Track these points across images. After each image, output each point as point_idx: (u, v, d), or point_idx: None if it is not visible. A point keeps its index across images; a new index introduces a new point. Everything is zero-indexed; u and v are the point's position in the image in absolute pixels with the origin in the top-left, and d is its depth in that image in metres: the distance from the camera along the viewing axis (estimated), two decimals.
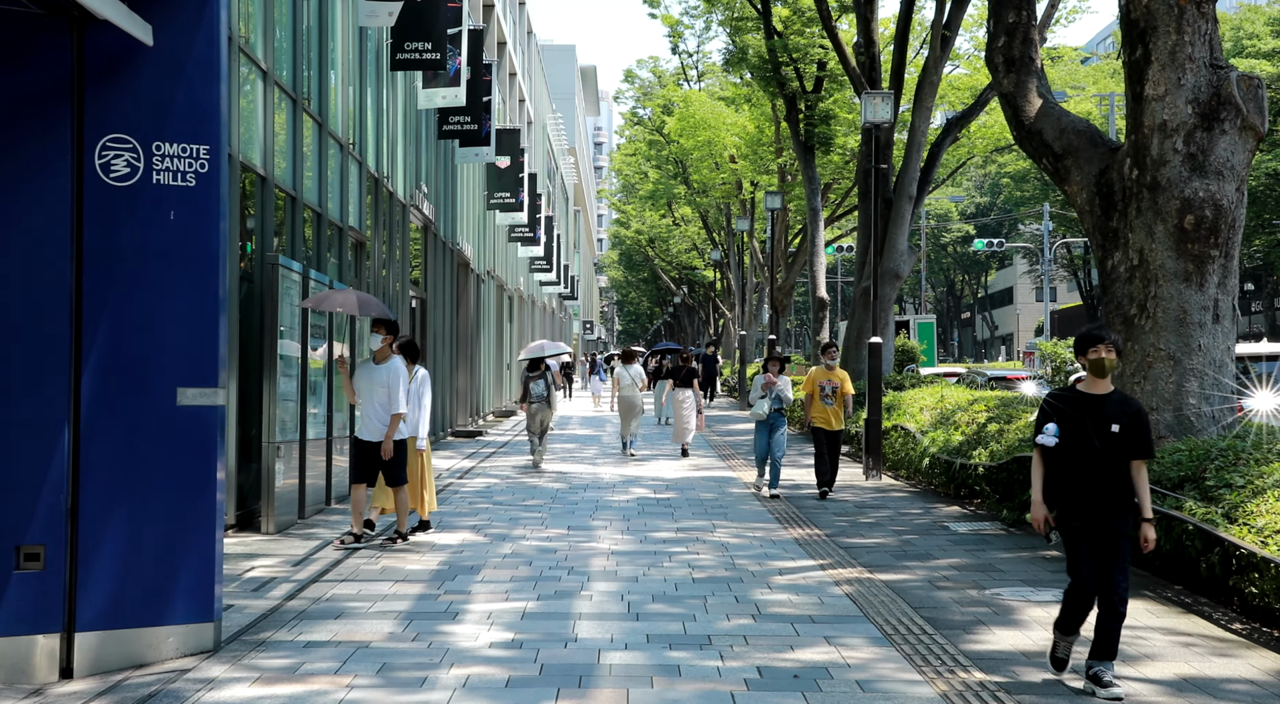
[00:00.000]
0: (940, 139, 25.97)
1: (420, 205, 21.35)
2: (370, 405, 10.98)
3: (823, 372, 15.32)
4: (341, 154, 16.04)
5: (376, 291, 18.16)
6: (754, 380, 15.46)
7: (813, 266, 31.42)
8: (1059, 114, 11.78)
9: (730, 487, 16.45)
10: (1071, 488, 6.54)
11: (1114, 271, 11.09)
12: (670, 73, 55.69)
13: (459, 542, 11.45)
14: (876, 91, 17.27)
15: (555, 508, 14.09)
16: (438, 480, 17.04)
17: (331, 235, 15.69)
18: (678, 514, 13.58)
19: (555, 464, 19.70)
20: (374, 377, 11.00)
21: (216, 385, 7.11)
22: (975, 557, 10.61)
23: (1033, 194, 69.17)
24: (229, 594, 8.76)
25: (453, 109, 22.61)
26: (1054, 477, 6.64)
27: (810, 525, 12.76)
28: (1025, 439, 12.78)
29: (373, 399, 10.96)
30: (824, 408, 15.07)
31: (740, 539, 11.76)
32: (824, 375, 15.24)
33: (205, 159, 7.07)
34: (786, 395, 15.13)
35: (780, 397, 15.08)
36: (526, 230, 37.56)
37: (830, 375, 15.22)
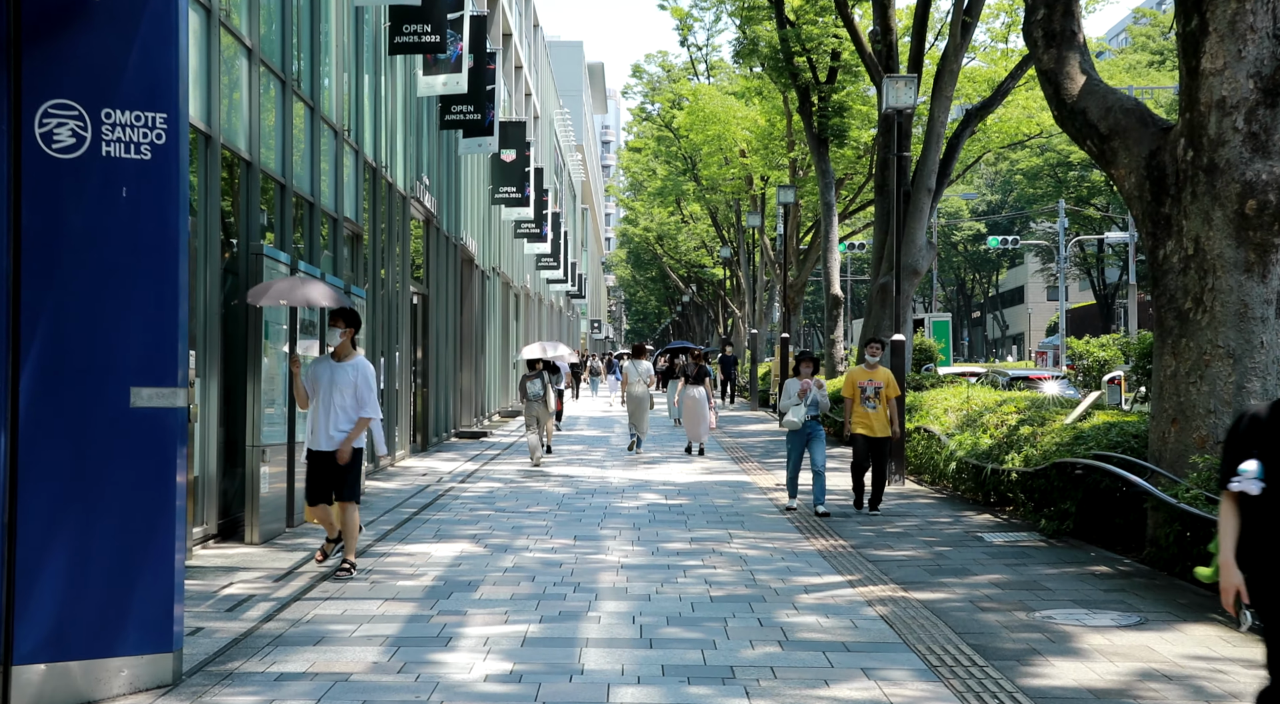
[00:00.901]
0: (959, 130, 25.08)
1: (421, 198, 20.54)
2: (328, 410, 9.56)
3: (863, 371, 13.69)
4: (336, 141, 15.22)
5: (374, 286, 17.34)
6: (785, 386, 13.42)
7: (826, 263, 30.53)
8: (1104, 91, 10.92)
9: (745, 492, 15.61)
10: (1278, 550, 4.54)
11: (1166, 262, 10.22)
12: (679, 68, 54.83)
13: (457, 553, 10.61)
14: (899, 75, 16.40)
15: (561, 515, 13.25)
16: (438, 484, 16.22)
17: (325, 227, 14.87)
18: (691, 522, 12.74)
19: (561, 467, 18.88)
20: (337, 377, 9.56)
21: (176, 385, 6.28)
22: (1017, 572, 9.75)
23: (1046, 191, 68.26)
24: (200, 615, 7.93)
25: (455, 98, 21.78)
26: (1252, 533, 4.60)
27: (833, 535, 11.92)
28: (1063, 444, 11.93)
29: (332, 402, 9.54)
30: (866, 412, 13.41)
31: (759, 551, 10.91)
32: (865, 375, 13.57)
33: (162, 129, 6.24)
34: (824, 400, 13.40)
35: (817, 402, 13.32)
36: (533, 226, 36.74)
37: (872, 375, 13.55)
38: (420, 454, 20.83)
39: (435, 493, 15.25)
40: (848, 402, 13.65)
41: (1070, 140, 58.17)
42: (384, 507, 13.80)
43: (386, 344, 18.36)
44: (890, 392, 13.54)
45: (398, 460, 19.02)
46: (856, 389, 13.56)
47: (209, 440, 10.52)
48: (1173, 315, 10.15)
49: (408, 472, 17.90)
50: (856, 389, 13.56)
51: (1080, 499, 11.20)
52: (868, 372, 13.64)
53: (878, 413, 13.41)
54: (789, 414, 13.32)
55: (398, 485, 16.04)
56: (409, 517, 12.98)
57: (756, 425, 29.54)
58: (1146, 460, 10.43)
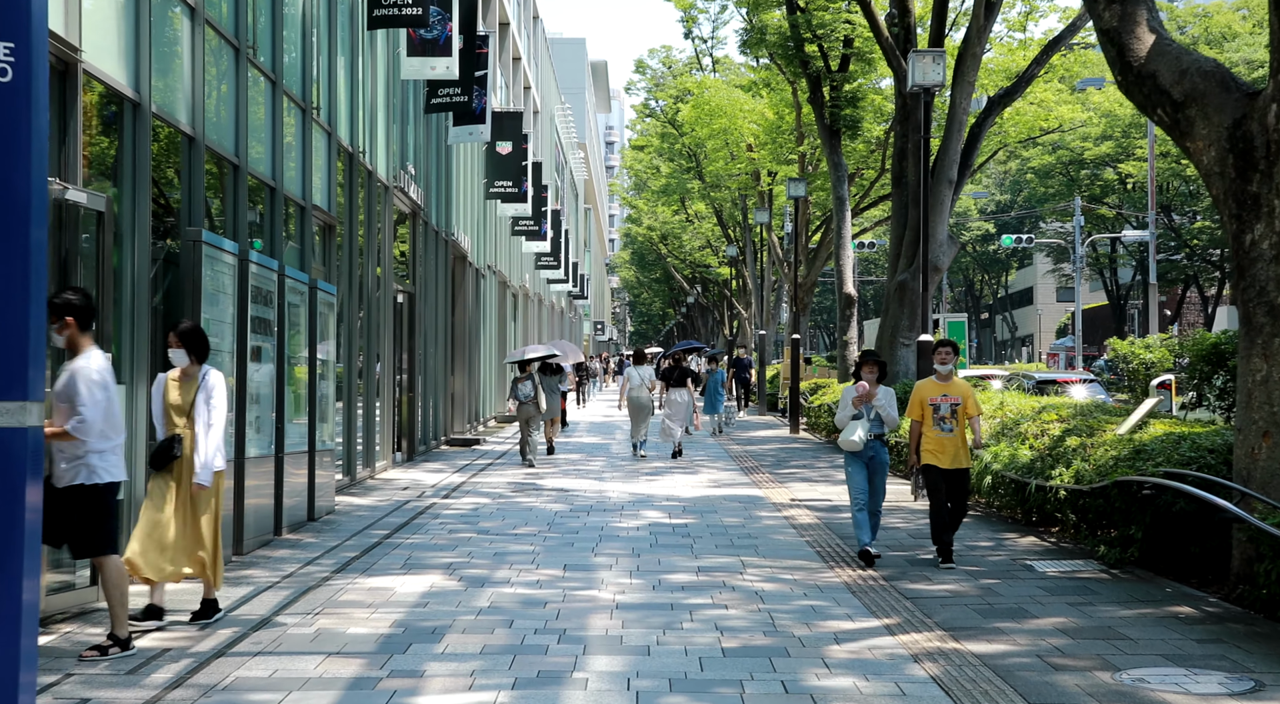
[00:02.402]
0: (981, 119, 23.60)
1: (406, 188, 19.05)
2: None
3: (934, 384, 10.58)
4: (304, 120, 13.74)
5: (350, 283, 15.85)
6: (844, 394, 10.53)
7: (839, 260, 29.02)
8: (1177, 52, 9.42)
9: (757, 509, 14.11)
10: None
11: (1254, 248, 8.72)
12: (683, 63, 53.35)
13: (425, 589, 9.11)
14: (926, 49, 14.90)
15: (551, 538, 11.75)
16: (419, 499, 14.74)
17: (292, 215, 13.40)
18: (698, 547, 11.24)
19: (557, 478, 17.39)
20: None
21: (26, 397, 4.79)
22: (1085, 614, 8.24)
23: (1057, 190, 66.69)
24: (92, 679, 6.44)
25: (442, 81, 20.29)
26: None
27: (859, 563, 10.42)
28: (1122, 458, 10.43)
29: None
30: (939, 437, 10.35)
31: (777, 585, 9.41)
32: (937, 389, 10.50)
33: (7, 62, 4.76)
34: (890, 413, 10.42)
35: (882, 416, 10.44)
36: (531, 224, 35.24)
37: (945, 388, 10.47)
38: (405, 464, 19.34)
39: (414, 510, 13.75)
40: (914, 426, 10.62)
41: (1081, 138, 56.03)
42: (352, 527, 12.31)
43: (366, 345, 16.88)
44: (969, 409, 10.49)
45: (379, 472, 17.54)
46: (927, 407, 10.48)
47: (136, 458, 9.04)
48: (1263, 310, 8.65)
49: (388, 484, 16.41)
50: (927, 407, 10.48)
51: (1148, 523, 9.69)
52: (940, 385, 10.57)
53: (954, 438, 10.37)
54: (846, 431, 10.39)
55: (373, 501, 14.56)
56: (379, 540, 11.48)
57: (766, 431, 28.03)
58: (1230, 480, 8.94)
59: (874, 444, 10.45)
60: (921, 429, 10.49)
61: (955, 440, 10.38)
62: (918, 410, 10.55)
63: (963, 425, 10.45)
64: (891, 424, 10.50)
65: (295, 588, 9.04)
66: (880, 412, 10.41)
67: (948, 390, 10.50)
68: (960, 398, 10.47)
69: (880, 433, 10.49)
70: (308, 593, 8.88)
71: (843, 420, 10.46)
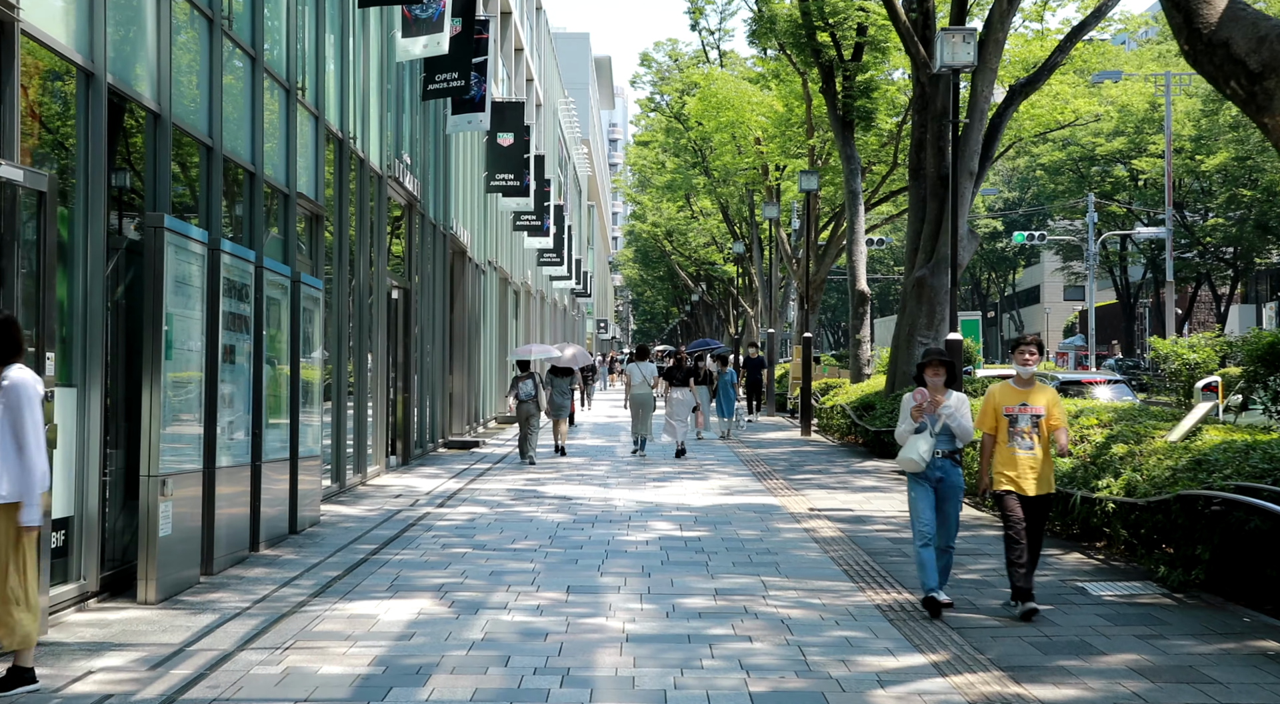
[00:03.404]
0: (1002, 108, 22.58)
1: (401, 178, 18.08)
2: None
3: (1011, 390, 8.57)
4: (287, 100, 12.77)
5: (341, 276, 14.89)
6: (903, 403, 8.68)
7: (851, 256, 28.05)
8: (1254, 18, 8.44)
9: (773, 519, 13.14)
10: None
11: None
12: (689, 56, 52.35)
13: (412, 616, 8.14)
14: (956, 28, 13.91)
15: (553, 554, 10.78)
16: (411, 508, 13.77)
17: (274, 203, 12.43)
18: (714, 564, 10.27)
19: (559, 484, 16.42)
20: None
21: None
22: (1159, 650, 7.26)
23: (1067, 187, 65.67)
24: None
25: (439, 65, 19.32)
26: None
27: (893, 583, 9.46)
28: (1180, 469, 9.47)
29: None
30: (1018, 455, 8.37)
31: (805, 610, 8.44)
32: (1015, 395, 8.52)
33: None
34: (962, 424, 8.49)
35: (951, 428, 8.51)
36: (533, 219, 34.27)
37: (1025, 395, 8.50)
38: (399, 469, 18.37)
39: (405, 521, 12.79)
40: (986, 441, 8.64)
41: (1093, 134, 55.17)
42: (338, 541, 11.34)
43: (358, 344, 15.92)
44: (1055, 420, 8.47)
45: (370, 478, 16.57)
46: (1002, 419, 8.51)
47: (88, 469, 8.07)
48: None
49: (380, 492, 15.44)
50: (1002, 419, 8.51)
51: (1216, 543, 8.72)
52: (1018, 391, 8.55)
53: (1035, 456, 8.38)
54: (906, 446, 8.51)
55: (363, 511, 13.59)
56: (365, 557, 10.51)
57: (777, 434, 27.05)
58: None
59: (942, 464, 8.50)
60: (994, 445, 8.56)
61: (1037, 459, 8.37)
62: (990, 421, 8.57)
63: (1045, 440, 8.42)
64: (964, 437, 8.51)
65: (266, 616, 8.07)
66: (949, 423, 8.49)
67: (1028, 397, 8.47)
68: (1043, 408, 8.43)
69: (952, 449, 8.54)
70: (280, 621, 7.92)
71: (902, 435, 8.61)
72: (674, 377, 21.61)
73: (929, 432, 8.50)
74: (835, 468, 18.99)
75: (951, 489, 8.56)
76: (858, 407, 22.78)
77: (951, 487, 8.56)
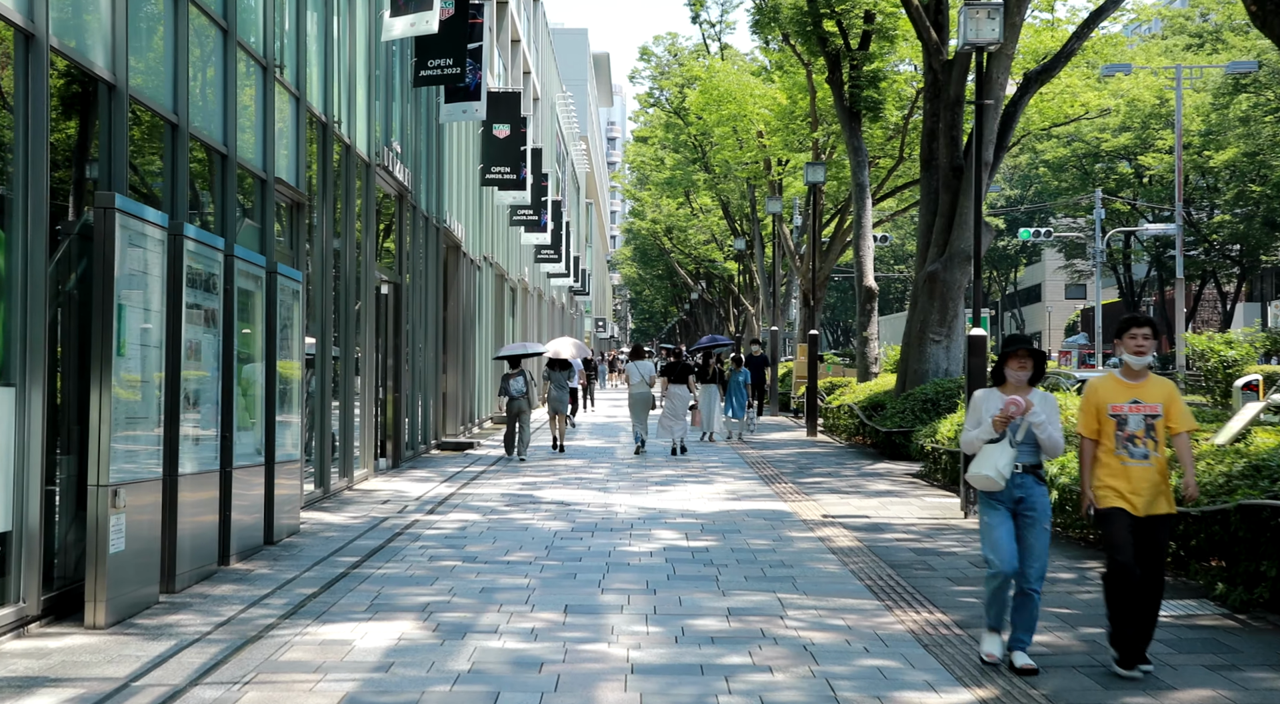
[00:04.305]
0: (1017, 97, 21.70)
1: (391, 167, 17.21)
2: None
3: (1119, 384, 6.84)
4: (265, 79, 11.90)
5: (325, 269, 14.02)
6: (972, 403, 7.08)
7: (858, 250, 27.18)
8: None
9: (785, 526, 12.29)
10: None
11: None
12: (689, 50, 51.50)
13: (390, 642, 7.28)
14: (981, 3, 13.04)
15: (549, 567, 9.93)
16: (399, 515, 12.92)
17: (249, 188, 11.57)
18: (724, 579, 9.41)
19: (556, 489, 15.57)
20: None
21: None
22: (1235, 684, 6.41)
23: (1070, 184, 64.84)
24: None
25: (432, 50, 18.47)
26: None
27: (921, 601, 8.61)
28: (1234, 475, 8.63)
29: None
30: (1127, 465, 6.69)
31: (828, 634, 7.59)
32: (1123, 390, 6.80)
33: None
34: (1053, 434, 6.82)
35: (1039, 439, 6.85)
36: (530, 213, 33.42)
37: (1137, 390, 6.79)
38: (388, 472, 17.50)
39: (392, 529, 11.93)
40: (1086, 447, 6.88)
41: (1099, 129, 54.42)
42: (316, 553, 10.47)
43: (344, 340, 15.07)
44: (1175, 422, 6.78)
45: (357, 482, 15.71)
46: (1106, 419, 6.80)
47: (29, 477, 7.21)
48: None
49: (367, 497, 14.58)
50: (1106, 419, 6.80)
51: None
52: (1127, 385, 6.83)
53: (1150, 468, 6.69)
54: (979, 459, 6.87)
55: (347, 518, 12.73)
56: (345, 571, 9.66)
57: (782, 434, 26.19)
58: None
59: (1023, 480, 6.83)
60: (1097, 452, 6.84)
61: (1152, 471, 6.68)
62: (1092, 423, 6.84)
63: (1163, 447, 6.76)
64: (1054, 451, 6.85)
65: (228, 642, 7.21)
66: (1037, 434, 6.80)
67: (1140, 393, 6.77)
68: (1160, 406, 6.74)
69: (1035, 463, 6.88)
70: (243, 649, 7.05)
71: (973, 443, 6.95)
72: (672, 373, 21.49)
73: (1009, 441, 6.82)
74: (845, 470, 18.14)
75: (1036, 512, 6.81)
76: (867, 406, 21.94)
77: (1036, 510, 6.81)
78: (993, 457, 6.81)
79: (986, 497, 6.95)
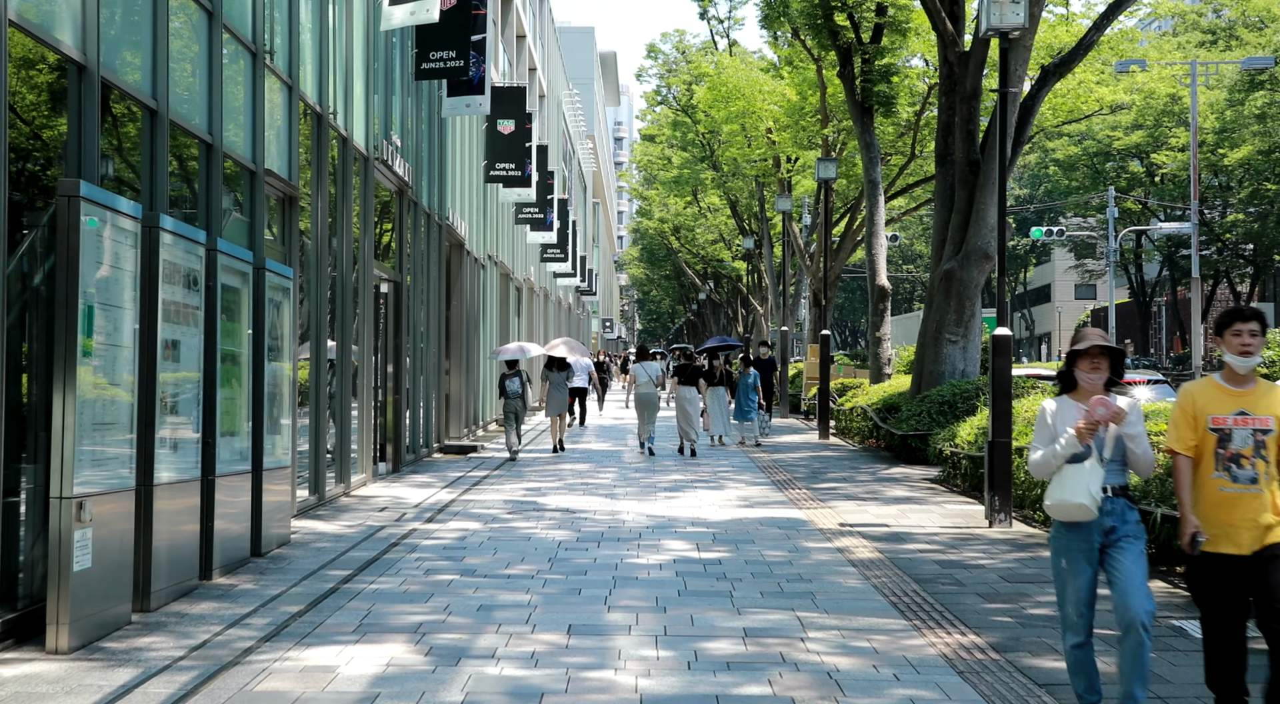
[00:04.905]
0: (1035, 90, 21.09)
1: (390, 161, 16.63)
2: None
3: (1220, 391, 5.65)
4: (254, 65, 11.32)
5: (321, 266, 13.44)
6: (1040, 412, 5.87)
7: (871, 249, 26.58)
8: None
9: (801, 536, 11.68)
10: None
11: None
12: (697, 47, 50.88)
13: (378, 669, 6.68)
14: None
15: (553, 581, 9.33)
16: (397, 524, 12.33)
17: (237, 180, 10.99)
18: (739, 595, 8.81)
19: (561, 495, 14.98)
20: None
21: None
22: None
23: (1081, 183, 64.20)
24: None
25: (434, 42, 17.89)
26: None
27: (952, 620, 8.01)
28: None
29: None
30: (1230, 492, 5.52)
31: (854, 659, 6.98)
32: (1227, 399, 5.61)
33: None
34: (1145, 455, 5.62)
35: (1130, 454, 5.65)
36: (536, 211, 32.84)
37: (1245, 399, 5.58)
38: (388, 478, 16.92)
39: (388, 539, 11.34)
40: (1182, 466, 5.63)
41: (1110, 127, 53.84)
42: (306, 566, 9.88)
43: (341, 340, 14.49)
44: None
45: (355, 488, 15.12)
46: (1205, 434, 5.60)
47: None
48: None
49: (364, 504, 14.00)
50: (1205, 434, 5.60)
51: None
52: (1232, 393, 5.63)
53: (1262, 495, 5.51)
54: (1061, 483, 5.61)
55: (341, 527, 12.13)
56: (335, 586, 9.06)
57: (793, 437, 25.59)
58: None
59: (1116, 505, 5.59)
60: (1194, 473, 5.61)
61: (1263, 501, 5.48)
62: (1189, 437, 5.61)
63: (1276, 472, 5.52)
64: (1146, 467, 5.64)
65: (201, 669, 6.62)
66: (1129, 445, 5.59)
67: (1247, 403, 5.55)
68: (1272, 419, 5.51)
69: (1124, 483, 5.65)
70: (216, 677, 6.46)
71: (1048, 464, 5.68)
72: (682, 374, 21.35)
73: (1096, 458, 5.53)
74: (860, 475, 17.54)
75: (1130, 538, 5.60)
76: (881, 409, 21.34)
77: (1129, 536, 5.60)
78: (1081, 479, 5.50)
79: (1065, 536, 5.65)
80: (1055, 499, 5.60)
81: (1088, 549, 5.60)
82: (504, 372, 20.51)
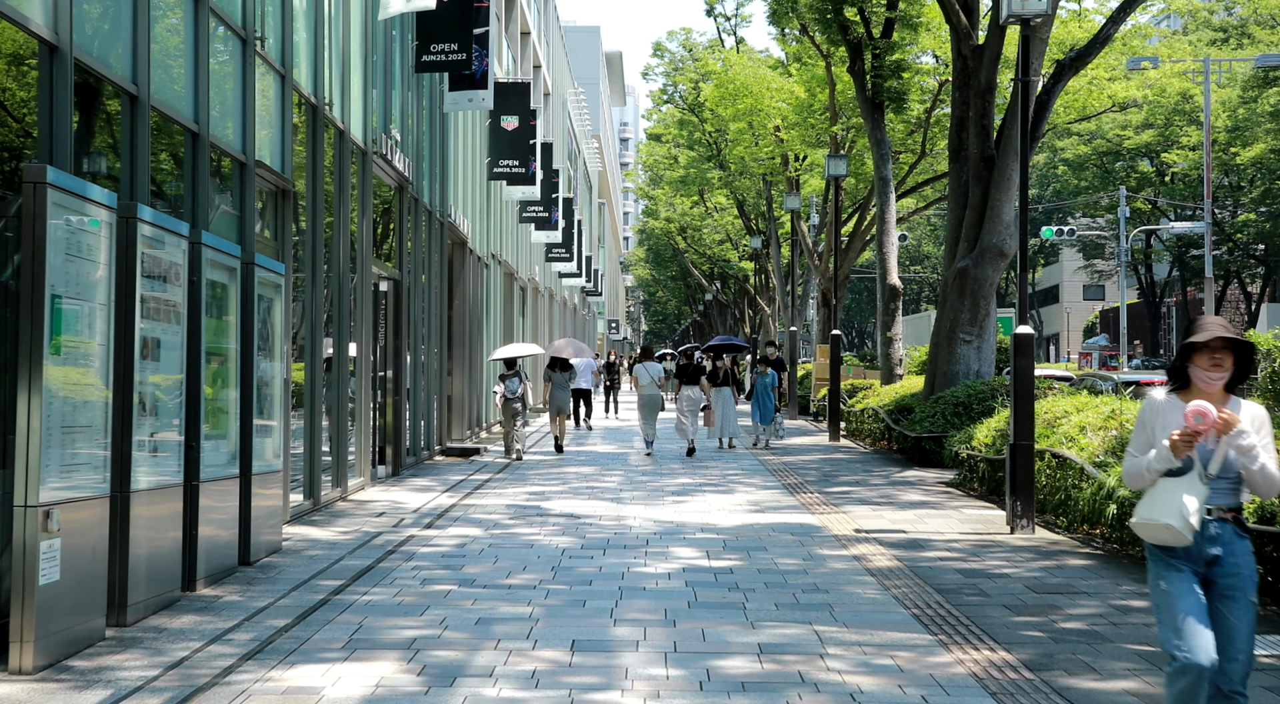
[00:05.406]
0: (1050, 85, 20.57)
1: (390, 156, 16.16)
2: None
3: None
4: (244, 52, 10.85)
5: (316, 262, 12.97)
6: (1141, 414, 4.95)
7: (881, 247, 26.08)
8: None
9: (815, 542, 11.20)
10: None
11: None
12: (704, 45, 50.41)
13: (365, 692, 6.19)
14: None
15: (556, 592, 8.85)
16: (394, 530, 11.86)
17: (226, 172, 10.52)
18: (753, 607, 8.32)
19: (565, 499, 14.51)
20: None
21: None
22: None
23: (1090, 183, 63.62)
24: None
25: (435, 34, 17.44)
26: None
27: (979, 635, 7.52)
28: None
29: None
30: None
31: (878, 679, 6.50)
32: None
33: None
34: (1267, 465, 4.67)
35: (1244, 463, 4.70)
36: (540, 210, 32.38)
37: None
38: (387, 481, 16.44)
39: (384, 547, 10.86)
40: None
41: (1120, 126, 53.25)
42: (296, 576, 9.41)
43: (337, 339, 14.02)
44: None
45: (352, 492, 14.65)
46: None
47: None
48: None
49: (361, 509, 13.53)
50: None
51: None
52: None
53: None
54: (1153, 499, 4.80)
55: (336, 533, 11.66)
56: (325, 597, 8.59)
57: (803, 439, 25.09)
58: None
59: (1223, 531, 4.78)
60: None
61: None
62: None
63: None
64: (1268, 489, 4.73)
65: (175, 692, 6.14)
66: (1244, 461, 4.72)
67: None
68: None
69: (1235, 505, 4.82)
70: (190, 701, 5.99)
71: (1142, 475, 4.86)
72: (685, 374, 21.34)
73: (1200, 474, 4.73)
74: (874, 478, 17.04)
75: (1239, 577, 4.76)
76: (893, 410, 20.86)
77: (1239, 574, 4.76)
78: (1176, 497, 4.70)
79: (1163, 554, 4.84)
80: (1142, 517, 4.81)
81: (1188, 573, 4.78)
82: (503, 372, 20.39)
